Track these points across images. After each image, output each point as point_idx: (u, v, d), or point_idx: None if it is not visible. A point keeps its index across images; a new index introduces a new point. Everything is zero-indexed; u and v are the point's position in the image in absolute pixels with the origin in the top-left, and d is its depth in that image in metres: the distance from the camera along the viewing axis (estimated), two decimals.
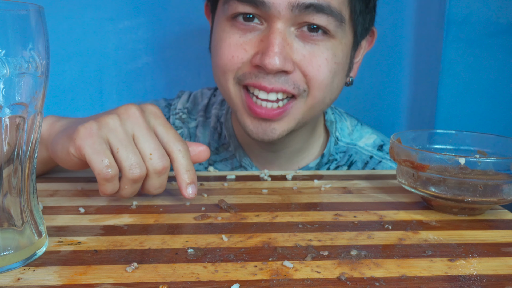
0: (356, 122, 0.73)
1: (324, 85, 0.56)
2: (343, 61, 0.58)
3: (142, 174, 0.40)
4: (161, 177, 0.42)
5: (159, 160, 0.41)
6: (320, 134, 0.70)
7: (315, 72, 0.55)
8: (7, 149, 0.30)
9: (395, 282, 0.30)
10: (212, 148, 0.72)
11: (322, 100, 0.58)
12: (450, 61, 0.90)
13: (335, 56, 0.56)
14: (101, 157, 0.39)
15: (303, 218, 0.41)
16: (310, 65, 0.55)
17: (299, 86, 0.56)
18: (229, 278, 0.30)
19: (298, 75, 0.55)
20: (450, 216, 0.42)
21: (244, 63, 0.56)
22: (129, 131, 0.41)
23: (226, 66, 0.57)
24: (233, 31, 0.56)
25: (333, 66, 0.56)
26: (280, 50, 0.53)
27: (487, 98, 0.92)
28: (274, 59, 0.52)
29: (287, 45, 0.54)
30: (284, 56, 0.53)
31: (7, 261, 0.30)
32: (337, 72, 0.57)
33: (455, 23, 0.88)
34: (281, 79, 0.55)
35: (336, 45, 0.56)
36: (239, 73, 0.56)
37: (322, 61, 0.55)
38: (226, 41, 0.56)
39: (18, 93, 0.29)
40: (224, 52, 0.56)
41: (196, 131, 0.73)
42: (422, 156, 0.42)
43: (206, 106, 0.75)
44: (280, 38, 0.53)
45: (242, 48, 0.56)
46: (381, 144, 0.70)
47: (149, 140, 0.41)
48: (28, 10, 0.29)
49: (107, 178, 0.39)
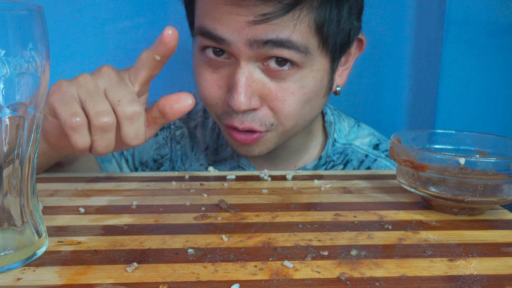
0: (353, 123, 0.73)
1: (291, 116, 0.57)
2: (315, 88, 0.57)
3: (110, 121, 0.40)
4: (134, 124, 0.41)
5: (129, 105, 0.40)
6: (318, 136, 0.70)
7: (280, 106, 0.56)
8: (7, 149, 0.30)
9: (395, 282, 0.30)
10: (211, 149, 0.72)
11: (293, 126, 0.59)
12: (450, 61, 0.90)
13: (304, 87, 0.56)
14: (67, 107, 0.39)
15: (303, 218, 0.41)
16: (276, 99, 0.55)
17: (265, 123, 0.57)
18: (229, 278, 0.30)
19: (265, 111, 0.56)
20: (450, 216, 0.42)
21: (220, 99, 0.57)
22: (99, 86, 0.41)
23: (207, 100, 0.58)
24: (206, 66, 0.57)
25: (302, 97, 0.56)
26: (245, 90, 0.53)
27: (487, 98, 0.92)
28: (239, 100, 0.53)
29: (253, 82, 0.54)
30: (249, 95, 0.54)
31: (7, 261, 0.30)
32: (307, 100, 0.57)
33: (455, 23, 0.88)
34: (249, 117, 0.56)
35: (305, 75, 0.55)
36: (218, 111, 0.58)
37: (288, 95, 0.55)
38: (202, 76, 0.58)
39: (18, 93, 0.29)
40: (202, 87, 0.58)
41: (196, 131, 0.73)
42: (422, 156, 0.42)
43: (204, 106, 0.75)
44: (244, 77, 0.53)
45: (216, 84, 0.57)
46: (377, 143, 0.70)
47: (118, 89, 0.41)
48: (28, 10, 0.29)
49: (73, 127, 0.39)
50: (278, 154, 0.67)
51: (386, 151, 0.70)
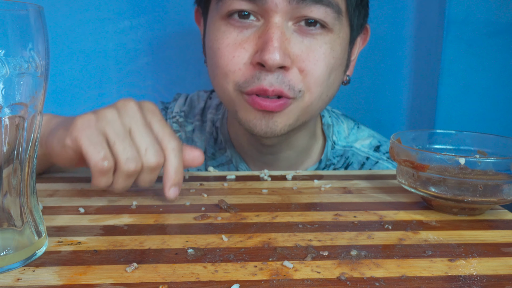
0: (353, 125, 0.72)
1: (321, 80, 0.55)
2: (341, 56, 0.57)
3: (137, 168, 0.40)
4: (153, 173, 0.42)
5: (154, 156, 0.41)
6: (318, 139, 0.70)
7: (311, 66, 0.54)
8: (7, 149, 0.30)
9: (395, 282, 0.30)
10: (209, 154, 0.71)
11: (319, 96, 0.57)
12: (450, 61, 0.90)
13: (333, 50, 0.55)
14: (97, 149, 0.39)
15: (303, 218, 0.41)
16: (307, 59, 0.54)
17: (294, 87, 0.54)
18: (229, 278, 0.30)
19: (295, 73, 0.54)
20: (450, 216, 0.42)
21: (245, 63, 0.54)
22: (126, 125, 0.41)
23: (228, 67, 0.55)
24: (229, 29, 0.55)
25: (331, 61, 0.55)
26: (280, 44, 0.52)
27: (487, 98, 0.92)
28: (274, 54, 0.51)
29: (285, 39, 0.53)
30: (283, 50, 0.52)
31: (7, 261, 0.30)
32: (334, 68, 0.56)
33: (455, 23, 0.88)
34: (279, 79, 0.53)
35: (334, 39, 0.56)
36: (240, 79, 0.55)
37: (319, 55, 0.54)
38: (224, 41, 0.55)
39: (18, 93, 0.29)
40: (224, 53, 0.55)
41: (193, 135, 0.73)
42: (422, 156, 0.42)
43: (202, 109, 0.74)
44: (278, 32, 0.52)
45: (241, 47, 0.54)
46: (378, 145, 0.70)
47: (145, 136, 0.41)
48: (28, 10, 0.29)
49: (102, 171, 0.39)
50: (280, 156, 0.67)
51: (387, 153, 0.69)
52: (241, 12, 0.54)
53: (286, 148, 0.65)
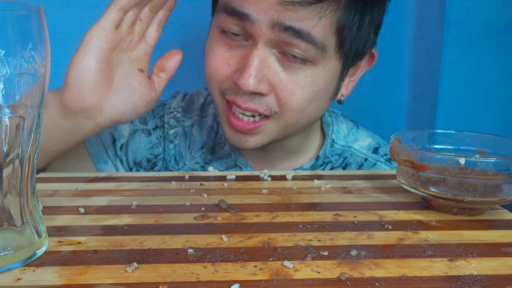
0: (352, 125, 0.72)
1: (296, 110, 0.57)
2: (324, 88, 0.58)
3: None
4: None
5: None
6: (316, 136, 0.70)
7: (288, 97, 0.56)
8: (7, 149, 0.30)
9: (395, 282, 0.30)
10: (209, 147, 0.72)
11: (295, 122, 0.59)
12: (450, 61, 0.90)
13: (314, 84, 0.56)
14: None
15: (303, 218, 0.41)
16: (285, 90, 0.56)
17: (271, 108, 0.57)
18: (229, 278, 0.30)
19: (272, 98, 0.56)
20: (450, 216, 0.42)
21: (227, 77, 0.57)
22: None
23: (212, 76, 0.59)
24: (220, 43, 0.58)
25: (310, 93, 0.56)
26: (256, 72, 0.54)
27: (487, 98, 0.92)
28: (249, 80, 0.53)
29: (265, 66, 0.55)
30: (259, 78, 0.54)
31: (7, 261, 0.30)
32: (314, 99, 0.57)
33: (455, 23, 0.88)
34: (255, 100, 0.56)
35: (317, 73, 0.56)
36: (222, 86, 0.58)
37: (297, 88, 0.56)
38: (214, 52, 0.58)
39: (18, 93, 0.29)
40: (211, 63, 0.58)
41: (192, 129, 0.73)
42: (422, 156, 0.42)
43: (202, 105, 0.75)
44: (258, 60, 0.54)
45: (226, 62, 0.57)
46: (376, 146, 0.70)
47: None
48: (28, 10, 0.29)
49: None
50: (275, 154, 0.67)
51: (385, 155, 0.69)
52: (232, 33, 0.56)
53: (276, 149, 0.66)
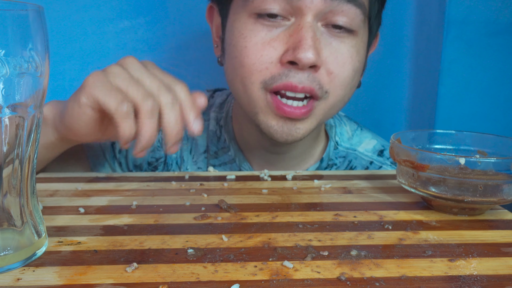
0: (356, 127, 0.72)
1: (347, 82, 0.56)
2: (363, 59, 0.58)
3: (155, 104, 0.41)
4: (174, 109, 0.42)
5: (168, 92, 0.42)
6: (321, 139, 0.70)
7: (340, 69, 0.55)
8: (7, 149, 0.30)
9: (395, 282, 0.30)
10: (211, 152, 0.71)
11: (342, 98, 0.58)
12: (450, 61, 0.90)
13: (358, 54, 0.56)
14: (114, 95, 0.40)
15: (303, 218, 0.41)
16: (336, 61, 0.55)
17: (322, 87, 0.55)
18: (229, 278, 0.30)
19: (323, 73, 0.54)
20: (450, 216, 0.42)
21: (273, 62, 0.54)
22: (133, 75, 0.43)
23: (255, 66, 0.54)
24: (257, 28, 0.54)
25: (356, 64, 0.56)
26: (313, 43, 0.52)
27: (487, 98, 0.92)
28: (309, 52, 0.51)
29: (316, 39, 0.53)
30: (317, 50, 0.53)
31: (7, 261, 0.30)
32: (358, 70, 0.57)
33: (455, 23, 0.88)
34: (309, 78, 0.54)
35: (359, 43, 0.57)
36: (266, 76, 0.54)
37: (346, 58, 0.55)
38: (252, 39, 0.54)
39: (18, 93, 0.29)
40: (252, 51, 0.54)
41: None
42: (422, 156, 0.42)
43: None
44: (312, 31, 0.52)
45: (270, 45, 0.54)
46: (382, 149, 0.70)
47: (152, 79, 0.43)
48: (28, 10, 0.29)
49: (124, 114, 0.40)
50: (281, 158, 0.67)
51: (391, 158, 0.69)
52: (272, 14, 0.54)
53: (292, 148, 0.65)
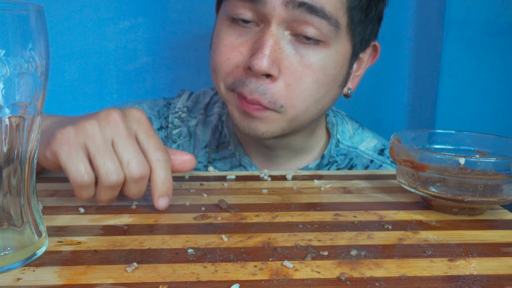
0: (357, 126, 0.72)
1: (306, 95, 0.56)
2: (335, 72, 0.57)
3: (119, 181, 0.39)
4: (139, 184, 0.41)
5: (137, 169, 0.40)
6: (321, 136, 0.70)
7: (297, 82, 0.55)
8: (7, 149, 0.30)
9: (395, 282, 0.30)
10: (212, 146, 0.72)
11: (305, 109, 0.57)
12: (450, 61, 0.90)
13: (325, 67, 0.55)
14: (76, 164, 0.38)
15: (303, 218, 0.41)
16: (295, 73, 0.54)
17: (275, 101, 0.55)
18: (229, 278, 0.30)
19: (280, 86, 0.55)
20: (450, 216, 0.42)
21: (237, 66, 0.56)
22: (108, 138, 0.40)
23: (222, 68, 0.57)
24: (230, 31, 0.57)
25: (320, 77, 0.55)
26: (270, 52, 0.53)
27: (487, 98, 0.92)
28: (262, 61, 0.52)
29: (278, 48, 0.54)
30: (272, 59, 0.53)
31: (7, 261, 0.30)
32: (325, 83, 0.56)
33: (455, 23, 0.88)
34: (260, 89, 0.54)
35: (329, 55, 0.55)
36: (230, 80, 0.57)
37: (308, 72, 0.55)
38: (224, 42, 0.57)
39: (18, 93, 0.29)
40: (221, 53, 0.57)
41: (196, 129, 0.73)
42: (422, 156, 0.42)
43: (207, 104, 0.75)
44: (272, 40, 0.53)
45: (237, 50, 0.56)
46: (382, 148, 0.70)
47: (128, 147, 0.40)
48: (28, 10, 0.29)
49: (81, 186, 0.39)
50: (280, 152, 0.67)
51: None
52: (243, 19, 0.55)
53: (282, 147, 0.66)
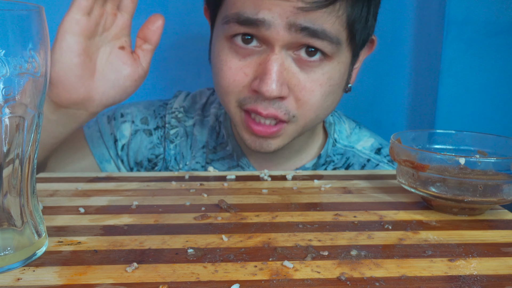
0: (354, 125, 0.73)
1: (316, 107, 0.57)
2: (339, 81, 0.58)
3: None
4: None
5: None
6: (318, 136, 0.70)
7: (308, 97, 0.56)
8: (7, 149, 0.30)
9: (395, 282, 0.30)
10: (210, 147, 0.72)
11: (314, 118, 0.59)
12: (450, 61, 0.90)
13: (331, 79, 0.57)
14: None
15: (303, 218, 0.41)
16: (304, 90, 0.56)
17: (289, 112, 0.57)
18: (229, 278, 0.30)
19: (291, 101, 0.57)
20: (450, 216, 0.42)
21: (245, 86, 0.57)
22: None
23: (229, 88, 0.58)
24: (232, 54, 0.57)
25: (327, 89, 0.57)
26: (278, 77, 0.54)
27: (487, 98, 0.92)
28: (271, 87, 0.53)
29: (284, 70, 0.55)
30: (281, 82, 0.54)
31: (7, 261, 0.30)
32: (331, 93, 0.58)
33: (455, 23, 0.88)
34: (275, 105, 0.56)
35: (333, 67, 0.57)
36: (240, 96, 0.58)
37: (316, 86, 0.56)
38: (227, 64, 0.57)
39: (18, 93, 0.29)
40: (226, 75, 0.58)
41: (193, 129, 0.73)
42: (422, 156, 0.42)
43: (204, 105, 0.75)
44: (277, 65, 0.54)
45: (242, 71, 0.57)
46: (379, 147, 0.70)
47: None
48: (28, 10, 0.29)
49: None
50: (279, 153, 0.67)
51: (388, 156, 0.69)
52: (245, 36, 0.56)
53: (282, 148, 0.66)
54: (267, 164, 0.68)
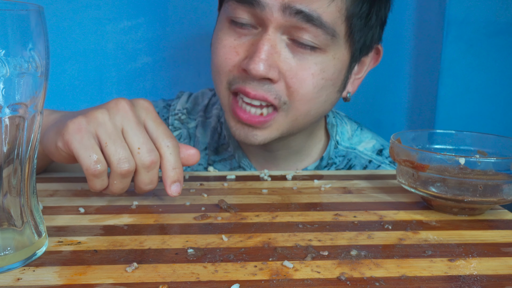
0: (356, 127, 0.72)
1: (307, 99, 0.56)
2: (333, 77, 0.57)
3: (131, 168, 0.40)
4: (150, 173, 0.41)
5: (148, 155, 0.40)
6: (320, 137, 0.70)
7: (298, 85, 0.55)
8: (7, 149, 0.30)
9: (395, 282, 0.30)
10: (212, 148, 0.72)
11: (305, 113, 0.58)
12: (450, 61, 0.90)
13: (323, 72, 0.56)
14: (89, 153, 0.39)
15: (303, 218, 0.41)
16: (295, 77, 0.55)
17: (280, 97, 0.56)
18: (229, 278, 0.30)
19: (282, 86, 0.56)
20: (450, 216, 0.42)
21: (235, 66, 0.57)
22: (118, 125, 0.40)
23: (220, 67, 0.58)
24: (229, 33, 0.57)
25: (320, 81, 0.56)
26: (266, 57, 0.53)
27: (487, 98, 0.92)
28: (259, 65, 0.53)
29: (275, 52, 0.54)
30: (269, 63, 0.53)
31: (7, 261, 0.30)
32: (324, 87, 0.57)
33: (455, 23, 0.88)
34: (265, 87, 0.55)
35: (327, 60, 0.56)
36: (230, 76, 0.57)
37: (307, 75, 0.55)
38: (222, 42, 0.58)
39: (18, 93, 0.29)
40: (220, 53, 0.58)
41: (196, 131, 0.73)
42: (422, 156, 0.42)
43: (206, 106, 0.75)
44: (268, 44, 0.53)
45: (234, 50, 0.57)
46: (381, 148, 0.70)
47: (137, 134, 0.41)
48: (28, 10, 0.29)
49: (95, 174, 0.39)
50: (279, 154, 0.67)
51: (390, 157, 0.69)
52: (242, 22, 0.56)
53: (280, 148, 0.66)
54: (268, 165, 0.68)
